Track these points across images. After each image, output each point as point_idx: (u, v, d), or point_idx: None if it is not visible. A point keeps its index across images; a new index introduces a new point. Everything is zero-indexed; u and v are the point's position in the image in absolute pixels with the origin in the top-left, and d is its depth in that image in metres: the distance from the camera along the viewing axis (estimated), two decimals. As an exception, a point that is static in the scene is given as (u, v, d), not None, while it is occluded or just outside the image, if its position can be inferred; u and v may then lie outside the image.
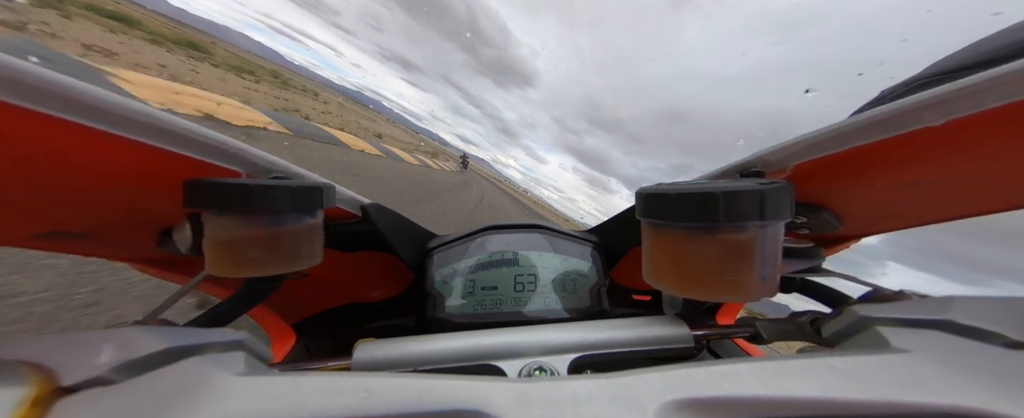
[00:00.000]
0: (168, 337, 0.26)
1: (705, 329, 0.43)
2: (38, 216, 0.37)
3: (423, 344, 0.41)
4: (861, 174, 0.35)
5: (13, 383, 0.20)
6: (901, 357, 0.25)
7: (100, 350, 0.24)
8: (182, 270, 0.51)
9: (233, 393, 0.22)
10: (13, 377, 0.21)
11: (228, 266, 0.37)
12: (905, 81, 0.38)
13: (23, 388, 0.20)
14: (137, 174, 0.34)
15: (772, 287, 0.34)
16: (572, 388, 0.24)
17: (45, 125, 0.25)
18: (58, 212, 0.37)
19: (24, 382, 0.21)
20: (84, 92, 0.26)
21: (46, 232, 0.39)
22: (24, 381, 0.21)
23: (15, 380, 0.21)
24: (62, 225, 0.39)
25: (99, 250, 0.45)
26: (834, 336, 0.36)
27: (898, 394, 0.22)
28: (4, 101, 0.23)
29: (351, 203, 0.52)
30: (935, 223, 0.43)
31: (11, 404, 0.19)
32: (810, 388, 0.22)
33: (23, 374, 0.21)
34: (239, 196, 0.34)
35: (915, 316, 0.29)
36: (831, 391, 0.22)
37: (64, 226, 0.39)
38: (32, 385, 0.21)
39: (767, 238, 0.33)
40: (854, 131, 0.30)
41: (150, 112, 0.29)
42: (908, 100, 0.27)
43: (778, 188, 0.31)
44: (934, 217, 0.42)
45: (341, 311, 0.72)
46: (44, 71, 0.24)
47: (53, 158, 0.29)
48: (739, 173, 0.40)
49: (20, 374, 0.21)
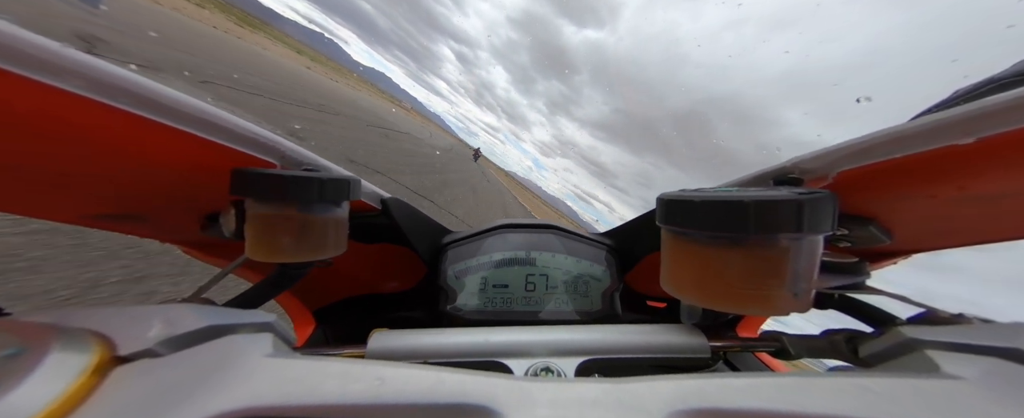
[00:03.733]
0: (209, 316, 0.28)
1: (724, 340, 0.41)
2: (103, 198, 0.41)
3: (434, 337, 0.42)
4: (921, 184, 0.32)
5: (80, 350, 0.23)
6: (952, 383, 0.23)
7: (152, 324, 0.26)
8: (221, 253, 0.55)
9: (260, 372, 0.23)
10: (80, 344, 0.23)
11: (265, 251, 0.40)
12: (982, 81, 0.35)
13: (87, 355, 0.23)
14: (189, 163, 0.37)
15: (805, 302, 0.32)
16: (578, 391, 0.23)
17: (114, 117, 0.28)
18: (121, 196, 0.41)
19: (89, 350, 0.23)
20: (148, 88, 0.28)
21: (108, 213, 0.43)
22: (89, 349, 0.23)
23: (81, 347, 0.23)
24: (123, 208, 0.43)
25: (153, 232, 0.50)
26: (873, 357, 0.33)
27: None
28: (83, 96, 0.26)
29: (372, 196, 0.54)
30: (1005, 240, 0.39)
31: (76, 369, 0.22)
32: (839, 408, 0.21)
33: (88, 342, 0.24)
34: (280, 186, 0.37)
35: (974, 342, 0.26)
36: (863, 413, 0.20)
37: (125, 209, 0.43)
38: (95, 353, 0.23)
39: (802, 252, 0.30)
40: (915, 136, 0.27)
41: (202, 107, 0.32)
42: (984, 102, 0.25)
43: (818, 198, 0.29)
44: (1005, 234, 0.38)
45: (358, 301, 0.75)
46: (115, 68, 0.27)
47: (121, 147, 0.33)
48: (773, 180, 0.38)
49: (86, 342, 0.24)
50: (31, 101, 0.26)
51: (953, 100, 0.35)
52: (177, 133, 0.31)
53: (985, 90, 0.33)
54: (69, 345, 0.23)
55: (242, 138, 0.35)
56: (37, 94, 0.25)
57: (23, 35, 0.23)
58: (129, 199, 0.42)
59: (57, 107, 0.27)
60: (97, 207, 0.42)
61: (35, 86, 0.24)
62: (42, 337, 0.23)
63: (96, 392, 0.21)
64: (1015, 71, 0.32)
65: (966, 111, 0.25)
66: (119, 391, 0.22)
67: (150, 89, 0.28)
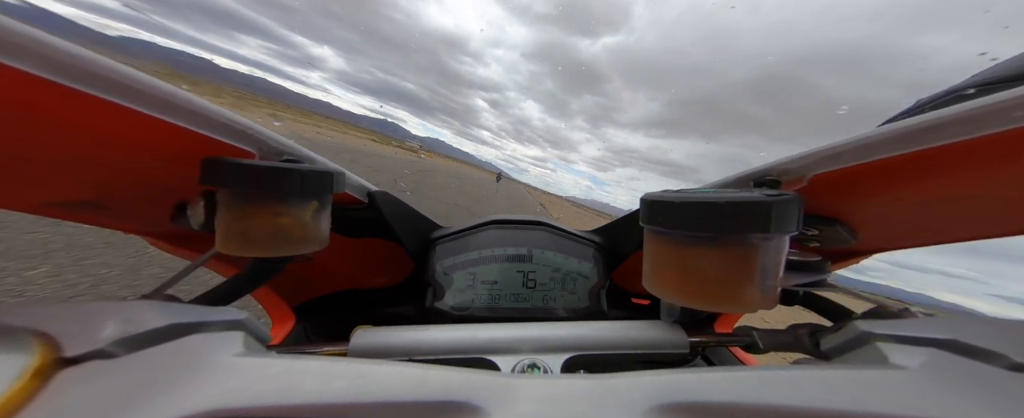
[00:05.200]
0: (172, 313, 0.27)
1: (701, 336, 0.43)
2: (57, 184, 0.38)
3: (419, 334, 0.41)
4: (887, 187, 0.34)
5: (17, 351, 0.21)
6: (897, 373, 0.25)
7: (105, 323, 0.24)
8: (192, 246, 0.53)
9: (229, 373, 0.23)
10: (18, 345, 0.21)
11: (237, 245, 0.38)
12: (944, 91, 0.36)
13: (26, 357, 0.21)
14: (156, 149, 0.34)
15: (772, 300, 0.33)
16: (562, 386, 0.24)
17: (69, 97, 0.26)
18: (77, 181, 0.38)
19: (28, 351, 0.21)
20: (108, 68, 0.26)
21: (63, 201, 0.41)
22: (28, 350, 0.21)
23: (19, 348, 0.21)
24: (79, 194, 0.40)
25: (114, 221, 0.47)
26: (832, 350, 0.36)
27: (889, 409, 0.21)
28: (33, 74, 0.23)
29: (359, 189, 0.52)
30: (962, 241, 0.41)
31: (13, 374, 0.20)
32: (799, 398, 0.22)
33: (28, 343, 0.22)
34: (254, 177, 0.35)
35: (918, 334, 0.29)
36: (820, 402, 0.22)
37: (81, 195, 0.40)
38: (36, 354, 0.21)
39: (770, 251, 0.32)
40: (883, 142, 0.29)
41: (172, 90, 0.30)
42: (943, 112, 0.26)
43: (785, 200, 0.30)
44: (962, 235, 0.40)
45: (341, 296, 0.73)
46: (72, 46, 0.25)
47: (77, 129, 0.30)
48: (753, 182, 0.39)
49: (25, 343, 0.21)
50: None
51: (917, 108, 0.37)
52: (143, 117, 0.29)
53: (946, 100, 0.35)
54: (5, 346, 0.21)
55: (216, 124, 0.33)
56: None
57: None
58: (89, 186, 0.39)
59: (10, 88, 0.24)
60: (53, 194, 0.39)
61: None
62: None
63: (36, 397, 0.19)
64: (973, 82, 0.34)
65: (927, 120, 0.27)
66: (65, 395, 0.20)
67: (113, 70, 0.26)
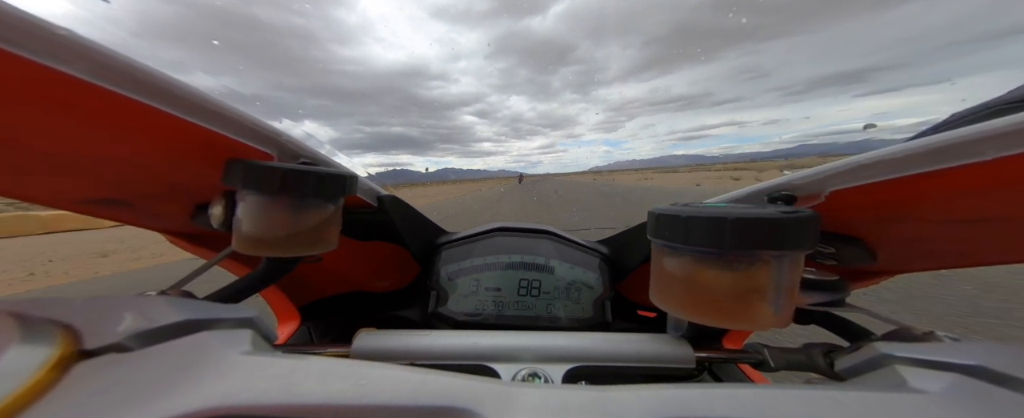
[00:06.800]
0: (186, 309, 0.28)
1: (708, 352, 0.42)
2: (92, 183, 0.40)
3: (421, 338, 0.42)
4: (912, 206, 0.32)
5: (41, 342, 0.22)
6: (916, 397, 0.24)
7: (123, 317, 0.25)
8: (209, 245, 0.54)
9: (235, 371, 0.23)
10: (42, 336, 0.22)
11: (253, 244, 0.39)
12: (977, 106, 0.35)
13: (49, 348, 0.22)
14: (182, 149, 0.36)
15: (785, 318, 0.32)
16: (562, 397, 0.24)
17: (107, 99, 0.27)
18: (110, 181, 0.40)
19: (51, 342, 0.22)
20: (147, 73, 0.28)
21: (96, 198, 0.43)
22: (51, 341, 0.22)
23: (43, 340, 0.22)
24: (110, 193, 0.42)
25: (140, 219, 0.49)
26: (847, 371, 0.34)
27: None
28: (83, 79, 0.25)
29: (369, 193, 0.53)
30: (989, 265, 0.39)
31: (35, 364, 0.21)
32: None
33: (51, 334, 0.23)
34: (274, 178, 0.36)
35: (941, 358, 0.27)
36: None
37: (112, 194, 0.43)
38: (58, 346, 0.22)
39: (783, 269, 0.31)
40: (908, 158, 0.28)
41: (198, 92, 0.31)
42: (978, 128, 0.25)
43: (800, 218, 0.29)
44: (990, 259, 0.39)
45: (346, 298, 0.74)
46: (112, 50, 0.26)
47: (112, 130, 0.32)
48: (767, 197, 0.38)
49: (49, 334, 0.23)
50: (34, 83, 0.25)
51: (949, 123, 0.36)
52: (174, 120, 0.30)
53: (981, 115, 0.33)
54: (31, 337, 0.22)
55: (238, 126, 0.35)
56: (40, 77, 0.24)
57: (26, 16, 0.22)
58: (119, 184, 0.41)
59: (59, 90, 0.26)
60: (85, 192, 0.42)
61: (38, 68, 0.23)
62: (3, 329, 0.22)
63: (56, 387, 0.21)
64: (1010, 98, 0.33)
65: (960, 135, 0.25)
66: (81, 387, 0.21)
67: (149, 74, 0.28)
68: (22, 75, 0.24)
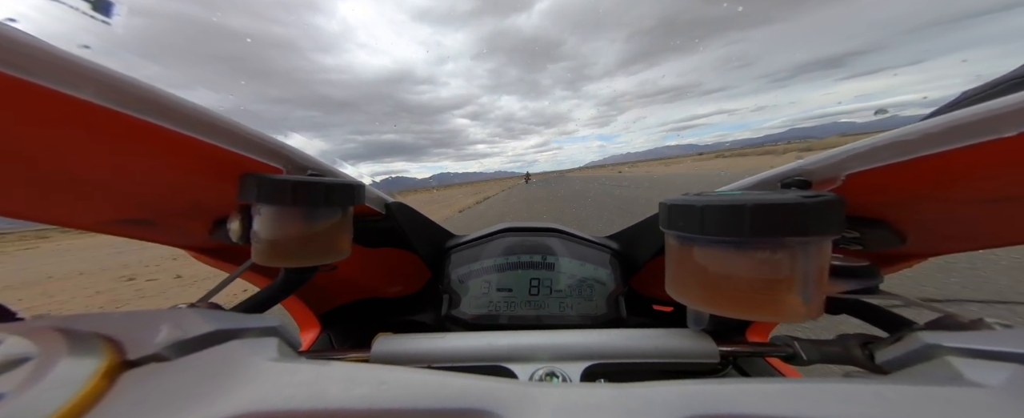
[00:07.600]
0: (216, 320, 0.29)
1: (733, 345, 0.40)
2: (115, 204, 0.42)
3: (438, 341, 0.42)
4: (934, 186, 0.31)
5: (90, 354, 0.24)
6: (974, 392, 0.22)
7: (160, 329, 0.27)
8: (229, 259, 0.56)
9: (264, 377, 0.24)
10: (90, 349, 0.24)
11: (271, 256, 0.40)
12: (990, 83, 0.34)
13: (97, 359, 0.23)
14: (197, 168, 0.37)
15: (816, 308, 0.31)
16: (582, 395, 0.23)
17: (127, 124, 0.29)
18: (132, 201, 0.42)
19: (99, 354, 0.24)
20: (158, 95, 0.29)
21: (120, 219, 0.44)
22: (99, 353, 0.24)
23: (92, 352, 0.24)
24: (133, 213, 0.44)
25: (161, 237, 0.51)
26: (890, 364, 0.32)
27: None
28: (97, 103, 0.26)
29: (377, 201, 0.54)
30: None
31: (87, 374, 0.22)
32: (856, 416, 0.20)
33: (99, 347, 0.24)
34: (286, 190, 0.37)
35: (997, 348, 0.25)
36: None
37: (134, 214, 0.44)
38: (105, 357, 0.24)
39: (809, 256, 0.30)
40: (925, 137, 0.27)
41: (212, 114, 0.32)
42: (992, 104, 0.24)
43: (823, 201, 0.28)
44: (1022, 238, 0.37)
45: (363, 305, 0.75)
46: (125, 75, 0.27)
47: (135, 154, 0.33)
48: (780, 183, 0.37)
49: (96, 347, 0.24)
50: (50, 111, 0.26)
51: (961, 101, 0.35)
52: (188, 140, 0.31)
53: (993, 91, 0.32)
54: (79, 350, 0.23)
55: (250, 143, 0.36)
56: (55, 104, 0.26)
57: (38, 44, 0.24)
58: (142, 204, 0.42)
59: (75, 116, 0.27)
60: (112, 213, 0.43)
61: (53, 96, 0.25)
62: (53, 342, 0.23)
63: (106, 396, 0.22)
64: (1021, 73, 0.32)
65: (974, 113, 0.25)
66: (128, 395, 0.22)
67: (160, 96, 0.29)
68: (36, 103, 0.25)
